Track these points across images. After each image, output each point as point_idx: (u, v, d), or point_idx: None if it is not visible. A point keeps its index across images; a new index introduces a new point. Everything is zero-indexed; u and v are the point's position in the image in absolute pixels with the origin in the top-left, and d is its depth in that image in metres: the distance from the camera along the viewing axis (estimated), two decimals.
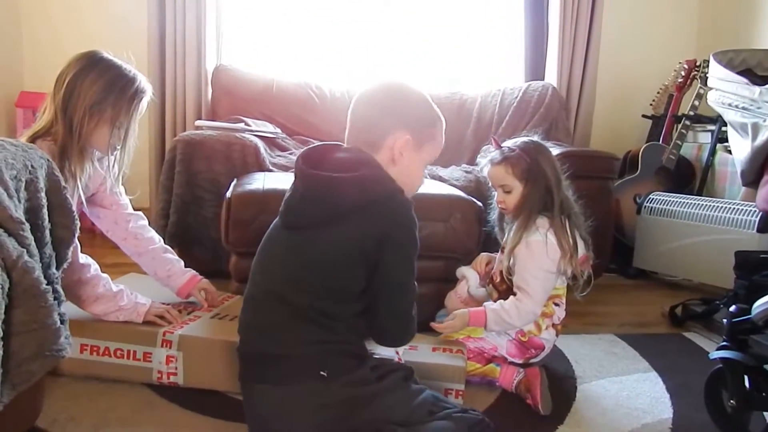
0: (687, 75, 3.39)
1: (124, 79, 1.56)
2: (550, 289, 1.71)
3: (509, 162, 1.72)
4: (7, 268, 0.91)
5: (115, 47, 3.27)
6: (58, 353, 1.02)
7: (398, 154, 1.27)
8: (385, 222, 1.20)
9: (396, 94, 1.31)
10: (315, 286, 1.22)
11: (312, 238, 1.23)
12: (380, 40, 3.63)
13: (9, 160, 0.99)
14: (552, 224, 1.69)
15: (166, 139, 3.21)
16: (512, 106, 3.24)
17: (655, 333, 2.22)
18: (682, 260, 2.74)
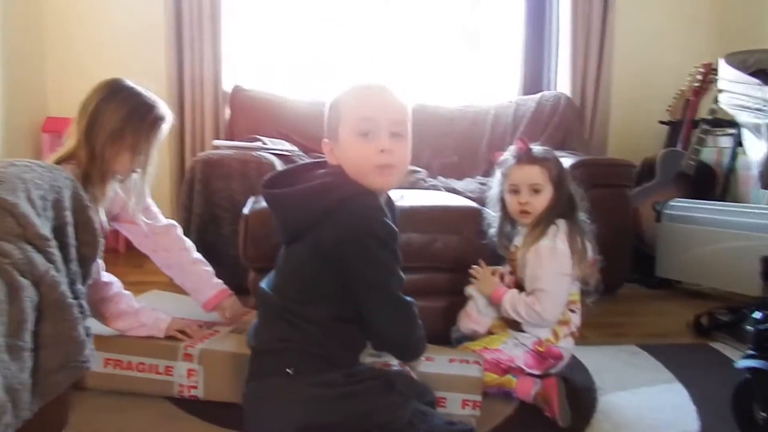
0: (703, 79, 3.37)
1: (144, 107, 1.60)
2: (563, 296, 1.70)
3: (546, 164, 1.73)
4: (35, 282, 0.95)
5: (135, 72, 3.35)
6: (83, 364, 1.06)
7: (330, 157, 1.31)
8: (340, 226, 1.20)
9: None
10: (290, 290, 1.28)
11: (292, 249, 1.30)
12: (388, 56, 3.69)
13: (36, 180, 1.03)
14: (567, 230, 1.70)
15: (186, 160, 3.27)
16: (526, 117, 3.25)
17: (679, 343, 2.16)
18: (707, 268, 2.68)
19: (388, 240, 1.22)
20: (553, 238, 1.68)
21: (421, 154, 3.26)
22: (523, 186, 1.75)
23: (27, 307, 0.90)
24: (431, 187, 2.81)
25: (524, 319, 1.70)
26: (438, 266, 2.09)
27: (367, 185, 1.26)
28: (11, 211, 0.94)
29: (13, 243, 0.93)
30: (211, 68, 3.27)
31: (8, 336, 0.87)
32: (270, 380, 1.25)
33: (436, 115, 3.35)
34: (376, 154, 1.23)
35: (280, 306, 1.28)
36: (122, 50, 3.44)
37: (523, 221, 1.78)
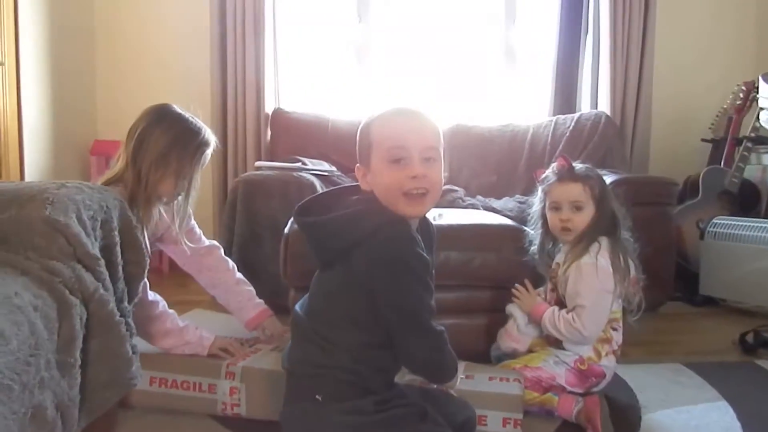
0: (746, 97, 3.31)
1: (190, 134, 1.64)
2: (603, 313, 1.68)
3: (588, 182, 1.73)
4: (84, 300, 0.98)
5: (181, 95, 3.47)
6: (130, 381, 1.09)
7: (363, 184, 1.29)
8: (372, 255, 1.18)
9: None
10: (321, 314, 1.27)
11: (325, 275, 1.30)
12: (427, 76, 3.72)
13: (87, 201, 1.07)
14: (610, 248, 1.69)
15: (228, 181, 3.37)
16: (565, 136, 3.23)
17: (724, 361, 2.12)
18: (752, 286, 2.64)
19: (420, 270, 1.21)
20: (594, 255, 1.67)
21: (459, 173, 3.27)
22: (565, 203, 1.75)
23: (77, 324, 0.94)
24: (469, 205, 2.81)
25: (564, 336, 1.68)
26: (476, 284, 2.09)
27: (400, 212, 1.24)
28: (63, 232, 0.98)
29: (64, 262, 0.97)
30: (254, 92, 3.37)
31: (59, 352, 0.90)
32: (301, 405, 1.25)
33: (474, 134, 3.36)
34: (409, 181, 1.21)
35: (311, 330, 1.27)
36: (169, 75, 3.57)
37: (564, 238, 1.78)
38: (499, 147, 3.33)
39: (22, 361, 0.79)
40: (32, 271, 0.92)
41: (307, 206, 1.33)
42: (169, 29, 3.59)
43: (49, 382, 0.86)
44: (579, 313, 1.65)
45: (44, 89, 3.11)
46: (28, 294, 0.86)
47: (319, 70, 3.71)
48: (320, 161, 3.02)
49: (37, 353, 0.83)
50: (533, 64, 3.73)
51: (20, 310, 0.81)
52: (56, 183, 1.08)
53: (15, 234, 0.96)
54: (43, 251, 0.96)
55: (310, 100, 3.63)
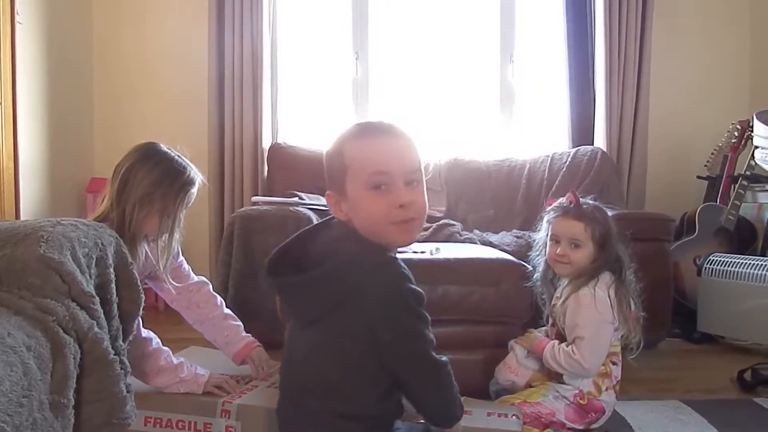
0: (741, 135, 3.34)
1: (175, 172, 1.63)
2: (603, 345, 1.69)
3: (590, 222, 1.74)
4: (79, 339, 0.98)
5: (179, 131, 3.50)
6: (125, 421, 1.07)
7: (337, 212, 1.19)
8: (369, 305, 1.11)
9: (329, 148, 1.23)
10: (321, 387, 1.17)
11: (312, 336, 1.19)
12: (424, 111, 3.76)
13: (82, 238, 1.07)
14: (613, 283, 1.70)
15: (225, 216, 3.36)
16: (562, 171, 3.25)
17: (723, 399, 2.12)
18: (750, 323, 2.64)
19: (418, 307, 1.15)
20: (593, 286, 1.68)
21: (456, 207, 3.29)
22: (564, 238, 1.77)
23: (70, 364, 0.93)
24: (467, 240, 2.82)
25: (565, 369, 1.68)
26: (475, 319, 2.09)
27: (388, 242, 1.17)
28: (57, 270, 0.98)
29: (58, 300, 0.96)
30: (251, 128, 3.41)
31: (52, 393, 0.89)
32: None
33: (471, 169, 3.39)
34: (395, 210, 1.12)
35: (316, 411, 1.17)
36: (166, 111, 3.61)
37: (558, 272, 1.80)
38: (496, 181, 3.36)
39: (15, 403, 0.78)
40: (26, 311, 0.92)
41: (279, 261, 1.21)
42: (167, 66, 3.63)
43: (42, 423, 0.85)
44: (578, 345, 1.65)
45: (41, 127, 3.12)
46: (21, 334, 0.86)
47: (316, 105, 3.75)
48: (317, 196, 3.03)
49: (30, 394, 0.82)
50: (530, 100, 3.77)
51: (13, 351, 0.81)
52: (51, 221, 1.08)
53: (9, 273, 0.96)
54: (37, 290, 0.95)
55: (308, 136, 3.65)
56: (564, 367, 1.68)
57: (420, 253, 2.24)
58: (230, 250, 2.46)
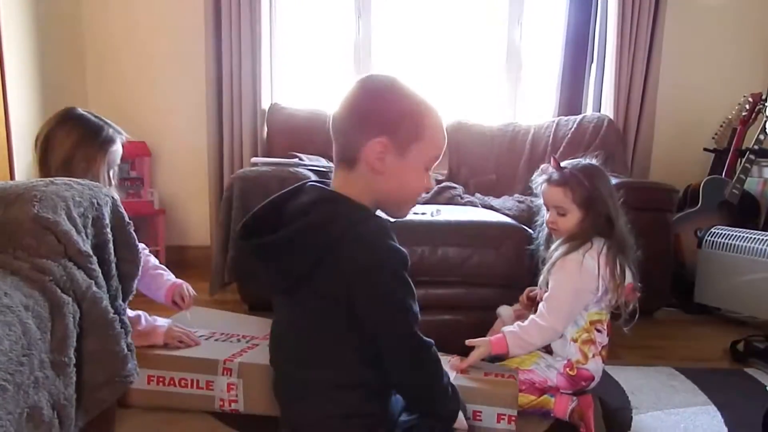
0: (752, 109, 3.29)
1: (92, 132, 1.67)
2: (575, 310, 1.70)
3: (569, 186, 1.70)
4: (77, 299, 0.98)
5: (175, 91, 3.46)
6: (126, 379, 1.08)
7: (377, 162, 1.10)
8: (344, 271, 1.06)
9: (365, 95, 1.14)
10: (312, 356, 1.15)
11: (293, 303, 1.15)
12: (429, 72, 3.71)
13: (76, 198, 1.05)
14: (604, 251, 1.68)
15: (224, 178, 3.36)
16: (566, 138, 3.23)
17: (715, 368, 2.15)
18: (747, 296, 2.65)
19: (400, 270, 1.09)
20: (582, 253, 1.67)
21: (458, 170, 3.28)
22: (550, 206, 1.77)
23: (70, 323, 0.93)
24: (468, 203, 2.82)
25: (539, 344, 1.70)
26: (474, 281, 2.11)
27: (388, 212, 1.17)
28: (52, 229, 0.97)
29: (54, 260, 0.96)
30: (250, 87, 3.35)
31: (53, 352, 0.89)
32: None
33: (475, 132, 3.37)
34: (423, 192, 1.18)
35: (312, 380, 1.16)
36: (162, 71, 3.56)
37: (555, 236, 1.80)
38: (499, 146, 3.34)
39: (15, 362, 0.79)
40: (22, 271, 0.91)
41: (252, 228, 1.15)
42: (163, 24, 3.55)
43: (43, 382, 0.86)
44: (551, 307, 1.66)
45: (32, 90, 3.06)
46: (18, 294, 0.86)
47: (316, 65, 3.69)
48: (317, 157, 3.01)
49: (30, 353, 0.82)
50: (537, 64, 3.72)
51: (10, 311, 0.81)
52: (44, 181, 1.07)
53: (2, 233, 0.95)
54: (33, 250, 0.95)
55: (307, 97, 3.62)
56: (537, 344, 1.69)
57: (421, 214, 2.25)
58: (229, 211, 2.44)
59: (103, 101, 3.52)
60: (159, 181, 3.60)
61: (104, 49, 3.54)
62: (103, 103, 3.51)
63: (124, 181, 3.42)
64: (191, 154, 3.56)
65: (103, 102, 3.52)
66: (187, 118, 3.55)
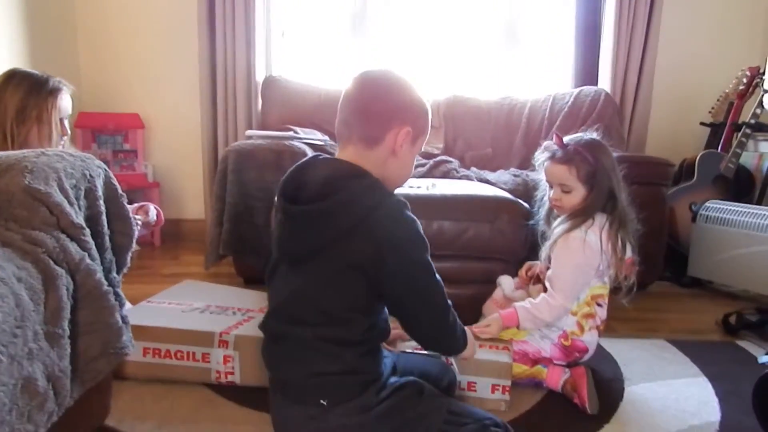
0: (749, 83, 3.27)
1: (38, 83, 1.78)
2: (581, 286, 1.71)
3: (573, 163, 1.70)
4: (71, 270, 0.97)
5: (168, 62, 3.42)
6: (122, 351, 1.07)
7: (399, 146, 1.22)
8: (377, 240, 1.14)
9: (397, 86, 1.25)
10: (315, 316, 1.19)
11: (306, 270, 1.20)
12: (425, 46, 3.66)
13: (68, 169, 1.04)
14: (606, 226, 1.68)
15: (219, 150, 3.34)
16: (563, 112, 3.21)
17: (707, 340, 2.18)
18: (739, 270, 2.67)
19: (421, 235, 1.20)
20: (585, 230, 1.67)
21: (454, 144, 3.27)
22: (554, 183, 1.76)
23: (63, 295, 0.93)
24: (463, 177, 2.82)
25: (550, 321, 1.70)
26: (469, 255, 2.12)
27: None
28: (44, 201, 0.96)
29: (47, 232, 0.95)
30: (244, 59, 3.31)
31: (47, 324, 0.89)
32: (304, 410, 1.20)
33: (471, 106, 3.35)
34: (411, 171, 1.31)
35: (310, 338, 1.19)
36: (156, 44, 3.52)
37: (558, 213, 1.80)
38: (495, 120, 3.32)
39: (9, 333, 0.79)
40: (14, 243, 0.91)
41: (291, 190, 1.22)
42: None
43: (38, 353, 0.85)
44: (557, 287, 1.67)
45: (22, 62, 2.99)
46: (10, 265, 0.85)
47: (312, 37, 3.64)
48: (312, 131, 3.00)
49: (24, 325, 0.82)
50: (537, 38, 3.68)
51: (3, 282, 0.80)
52: (35, 151, 1.06)
53: None
54: (25, 222, 0.94)
55: (303, 69, 3.58)
56: (548, 320, 1.70)
57: (416, 188, 2.25)
58: (224, 184, 2.42)
59: (95, 73, 3.49)
60: (153, 153, 3.58)
61: (96, 20, 3.49)
62: (95, 75, 3.48)
63: (118, 153, 3.40)
64: (185, 127, 3.53)
65: (95, 73, 3.49)
66: (180, 90, 3.51)
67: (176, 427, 1.44)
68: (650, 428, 1.49)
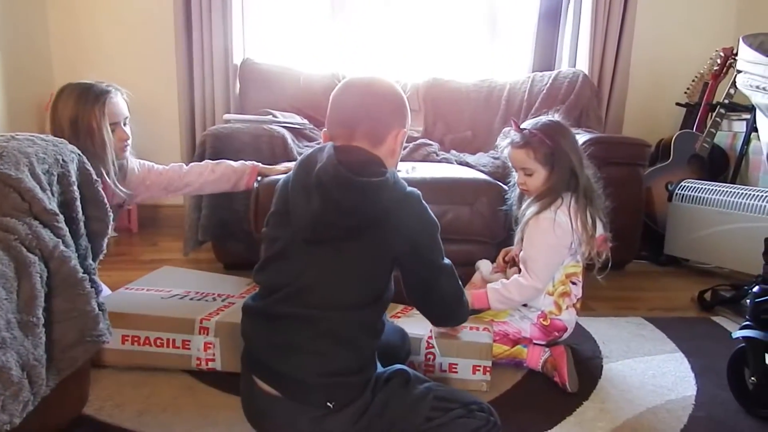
0: (723, 63, 3.31)
1: (84, 90, 1.80)
2: (554, 266, 1.72)
3: (531, 146, 1.71)
4: (44, 258, 0.95)
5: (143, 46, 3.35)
6: (99, 338, 1.06)
7: (398, 146, 1.29)
8: (413, 223, 1.21)
9: (394, 89, 1.30)
10: (346, 299, 1.18)
11: (342, 249, 1.18)
12: (403, 29, 3.64)
13: (40, 154, 1.02)
14: (571, 204, 1.70)
15: (197, 134, 3.30)
16: (542, 93, 3.22)
17: (683, 317, 2.22)
18: (714, 247, 2.72)
19: (437, 224, 1.27)
20: (555, 210, 1.69)
21: (434, 127, 3.26)
22: (517, 168, 1.78)
23: (37, 283, 0.91)
24: (443, 160, 2.82)
25: (521, 301, 1.73)
26: (449, 237, 2.09)
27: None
28: (15, 187, 0.94)
29: (18, 219, 0.93)
30: (221, 41, 3.27)
31: (20, 312, 0.88)
32: (308, 411, 1.16)
33: (450, 89, 3.34)
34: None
35: (337, 323, 1.17)
36: (130, 25, 3.45)
37: (527, 196, 1.81)
38: (475, 102, 3.32)
39: None
40: None
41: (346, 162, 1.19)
42: None
43: (11, 342, 0.84)
44: (531, 268, 1.68)
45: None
46: None
47: (290, 20, 3.59)
48: (291, 114, 2.97)
49: None
50: (513, 20, 3.67)
51: None
52: (5, 136, 1.03)
53: None
54: None
55: (281, 52, 3.53)
56: (518, 300, 1.72)
57: (396, 172, 2.24)
58: None
59: (68, 56, 3.42)
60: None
61: (67, 3, 3.42)
62: (68, 60, 3.41)
63: None
64: (162, 111, 3.47)
65: (68, 58, 3.42)
66: (156, 73, 3.45)
67: (157, 415, 1.42)
68: (628, 404, 1.52)
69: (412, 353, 1.58)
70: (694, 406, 1.52)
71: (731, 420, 1.44)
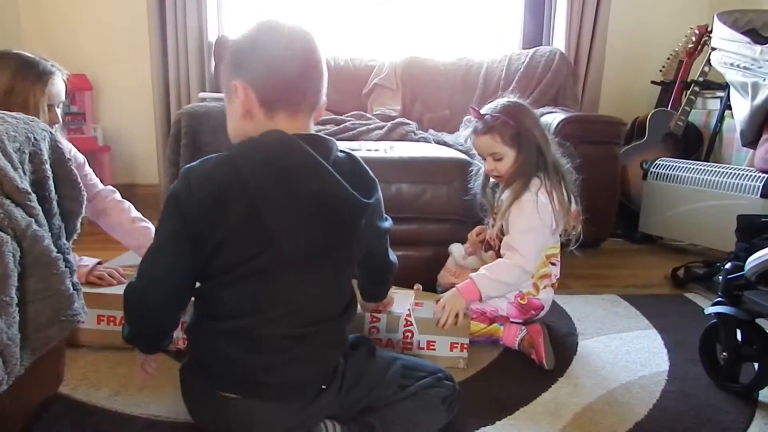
0: (698, 41, 3.33)
1: (27, 64, 1.66)
2: (541, 246, 1.73)
3: (495, 130, 1.71)
4: (17, 237, 0.93)
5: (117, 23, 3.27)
6: (74, 318, 1.05)
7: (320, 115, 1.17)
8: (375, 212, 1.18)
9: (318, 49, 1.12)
10: (340, 305, 1.17)
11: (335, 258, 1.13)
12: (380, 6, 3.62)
13: (11, 132, 0.99)
14: (545, 183, 1.71)
15: (172, 113, 3.25)
16: (519, 72, 3.22)
17: (657, 294, 2.26)
18: (687, 225, 2.76)
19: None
20: (535, 191, 1.69)
21: (411, 106, 3.25)
22: (485, 155, 1.77)
23: (10, 262, 0.89)
24: (421, 139, 2.81)
25: (512, 284, 1.70)
26: (427, 217, 2.12)
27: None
28: None
29: None
30: (195, 18, 3.21)
31: None
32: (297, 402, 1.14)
33: (428, 68, 3.33)
34: None
35: (338, 329, 1.18)
36: (102, 1, 3.37)
37: (499, 183, 1.82)
38: (453, 81, 3.31)
39: None
40: None
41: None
42: None
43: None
44: (518, 249, 1.67)
45: None
46: None
47: None
48: None
49: None
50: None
51: None
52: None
53: None
54: None
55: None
56: (509, 281, 1.68)
57: (374, 151, 2.24)
58: (177, 148, 2.33)
59: (38, 31, 3.34)
60: (102, 116, 3.47)
61: None
62: (38, 33, 3.33)
63: (65, 116, 3.27)
64: (135, 88, 3.42)
65: (38, 32, 3.34)
66: (129, 50, 3.39)
67: (133, 395, 1.41)
68: (602, 380, 1.54)
69: (390, 331, 1.59)
70: (666, 381, 1.54)
71: (703, 394, 1.47)
